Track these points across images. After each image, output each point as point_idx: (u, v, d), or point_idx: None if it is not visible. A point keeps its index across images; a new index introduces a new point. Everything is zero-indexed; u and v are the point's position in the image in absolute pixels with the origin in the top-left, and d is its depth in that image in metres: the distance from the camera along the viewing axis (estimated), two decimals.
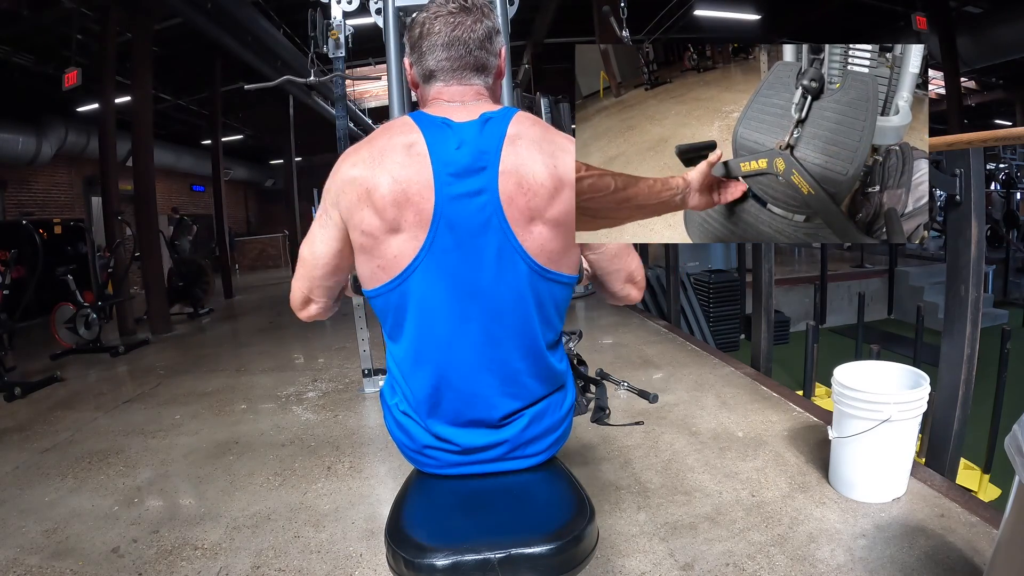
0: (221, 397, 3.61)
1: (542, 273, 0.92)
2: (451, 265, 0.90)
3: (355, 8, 3.35)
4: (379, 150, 0.90)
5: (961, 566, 1.56)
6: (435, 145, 0.89)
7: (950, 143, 2.11)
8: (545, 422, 1.01)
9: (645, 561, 1.69)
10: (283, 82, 4.26)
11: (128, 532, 2.03)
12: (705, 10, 8.65)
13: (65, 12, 5.89)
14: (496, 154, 0.89)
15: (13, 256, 4.68)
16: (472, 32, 0.93)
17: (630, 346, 4.21)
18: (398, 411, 1.02)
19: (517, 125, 0.91)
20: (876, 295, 8.05)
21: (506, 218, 0.89)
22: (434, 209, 0.88)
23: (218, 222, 9.30)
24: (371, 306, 0.98)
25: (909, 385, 1.93)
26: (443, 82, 0.96)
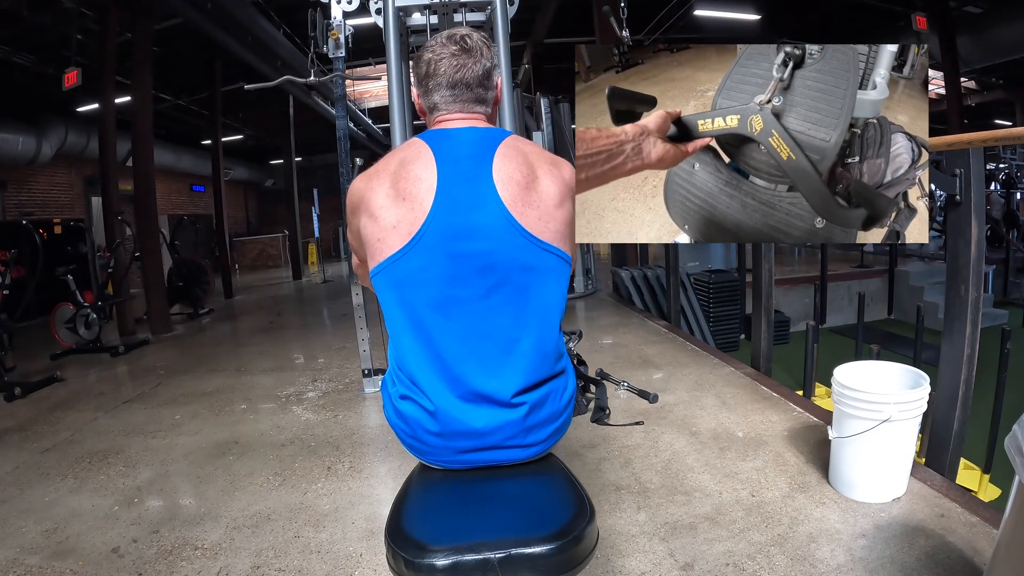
0: (221, 397, 3.61)
1: (538, 244, 0.98)
2: (455, 239, 0.96)
3: (355, 8, 3.35)
4: (387, 159, 1.05)
5: (961, 566, 1.56)
6: (437, 144, 1.02)
7: (950, 143, 2.11)
8: (546, 410, 1.02)
9: (645, 561, 1.69)
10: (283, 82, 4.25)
11: (128, 532, 2.03)
12: (705, 10, 8.65)
13: (65, 12, 5.89)
14: (491, 149, 1.00)
15: (13, 256, 4.68)
16: (472, 72, 1.04)
17: (630, 346, 4.21)
18: (397, 397, 1.03)
19: (508, 140, 1.03)
20: (876, 295, 8.04)
21: (500, 198, 0.97)
22: (436, 188, 0.97)
23: (218, 222, 9.29)
24: (374, 285, 1.02)
25: (909, 385, 1.93)
26: (446, 111, 1.07)
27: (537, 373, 1.01)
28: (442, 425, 0.99)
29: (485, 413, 0.98)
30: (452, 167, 0.99)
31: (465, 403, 0.98)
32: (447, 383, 0.98)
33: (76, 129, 9.18)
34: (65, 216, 8.85)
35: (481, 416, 0.98)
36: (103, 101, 5.88)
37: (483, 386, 0.98)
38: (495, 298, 0.98)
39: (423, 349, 0.99)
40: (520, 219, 0.97)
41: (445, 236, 0.96)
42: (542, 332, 1.00)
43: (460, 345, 0.98)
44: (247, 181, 17.33)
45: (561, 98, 6.59)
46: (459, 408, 0.98)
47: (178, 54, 7.92)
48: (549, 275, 1.00)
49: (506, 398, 0.98)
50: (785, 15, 9.48)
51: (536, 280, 0.99)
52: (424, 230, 0.96)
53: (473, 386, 0.98)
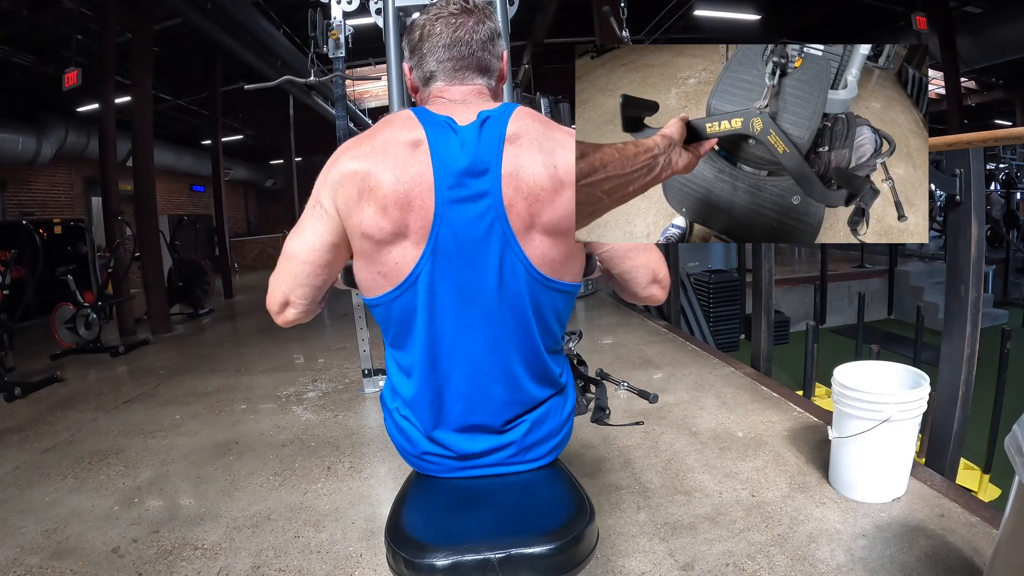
0: (221, 397, 3.61)
1: (543, 282, 0.91)
2: (453, 272, 0.88)
3: (355, 8, 3.35)
4: (381, 145, 0.87)
5: (961, 566, 1.56)
6: (437, 145, 0.86)
7: (950, 143, 2.11)
8: (546, 427, 1.00)
9: (645, 561, 1.69)
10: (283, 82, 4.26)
11: (128, 532, 2.03)
12: (705, 10, 8.65)
13: (65, 12, 5.88)
14: (497, 156, 0.86)
15: (13, 256, 4.68)
16: (475, 33, 0.91)
17: (630, 346, 4.21)
18: (399, 415, 1.01)
19: (516, 122, 0.88)
20: (876, 295, 8.04)
21: (509, 224, 0.86)
22: (435, 213, 0.85)
23: (218, 222, 9.29)
24: (371, 313, 0.96)
25: (909, 385, 1.93)
26: (445, 81, 0.93)
27: (535, 399, 0.99)
28: (443, 448, 0.98)
29: (483, 439, 0.97)
30: (453, 178, 0.86)
31: (461, 434, 0.97)
32: (443, 416, 0.97)
33: (76, 129, 9.18)
34: (65, 216, 8.85)
35: (479, 442, 0.97)
36: (103, 101, 5.88)
37: (481, 419, 0.96)
38: (497, 335, 0.92)
39: (420, 381, 0.95)
40: (527, 249, 0.88)
41: (447, 270, 0.88)
42: (545, 363, 0.97)
43: (460, 383, 0.94)
44: (247, 181, 17.32)
45: (561, 98, 6.59)
46: (456, 438, 0.97)
47: (178, 54, 7.92)
48: (555, 307, 0.95)
49: (499, 426, 0.97)
50: (785, 15, 9.48)
51: (541, 316, 0.94)
52: (422, 266, 0.87)
53: (470, 420, 0.96)
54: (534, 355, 0.95)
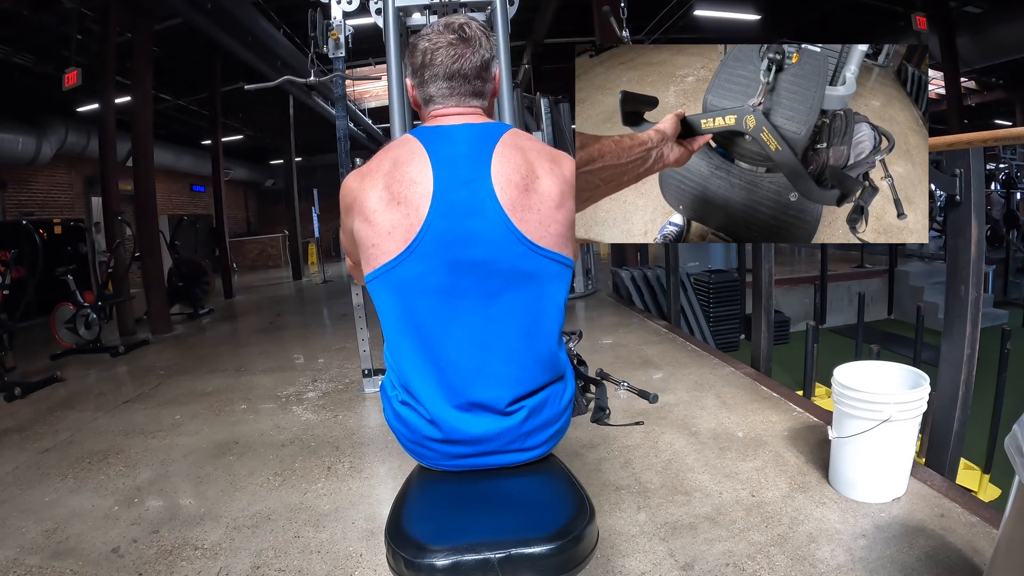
0: (221, 397, 3.61)
1: (538, 251, 0.95)
2: (447, 245, 0.94)
3: (355, 8, 3.35)
4: (380, 157, 1.01)
5: (961, 566, 1.56)
6: (432, 144, 0.97)
7: (950, 143, 2.11)
8: (545, 414, 1.02)
9: (645, 561, 1.69)
10: (283, 82, 4.26)
11: (128, 532, 2.03)
12: (705, 10, 8.66)
13: (65, 12, 5.88)
14: (489, 149, 0.96)
15: (13, 256, 4.68)
16: (471, 63, 1.00)
17: (630, 346, 4.21)
18: (397, 402, 1.03)
19: (510, 134, 1.00)
20: (876, 295, 8.05)
21: (499, 203, 0.94)
22: (432, 192, 0.94)
23: (218, 222, 9.29)
24: (369, 291, 1.00)
25: (909, 385, 1.93)
26: (442, 105, 1.03)
27: (535, 381, 1.00)
28: (442, 432, 0.98)
29: (482, 421, 0.98)
30: (448, 170, 0.95)
31: (462, 412, 0.98)
32: (443, 393, 0.98)
33: (76, 129, 9.18)
34: (65, 216, 8.85)
35: (479, 424, 0.98)
36: (103, 101, 5.88)
37: (480, 396, 0.97)
38: (493, 307, 0.96)
39: (419, 357, 0.97)
40: (520, 225, 0.94)
41: (442, 243, 0.94)
42: (541, 340, 0.99)
43: (457, 355, 0.96)
44: (247, 181, 17.33)
45: (561, 98, 6.59)
46: (456, 417, 0.98)
47: (178, 54, 7.92)
48: (549, 282, 0.98)
49: (503, 407, 0.98)
50: (785, 15, 9.48)
51: (536, 288, 0.97)
52: (421, 237, 0.93)
53: (470, 396, 0.97)
54: (533, 330, 0.98)
